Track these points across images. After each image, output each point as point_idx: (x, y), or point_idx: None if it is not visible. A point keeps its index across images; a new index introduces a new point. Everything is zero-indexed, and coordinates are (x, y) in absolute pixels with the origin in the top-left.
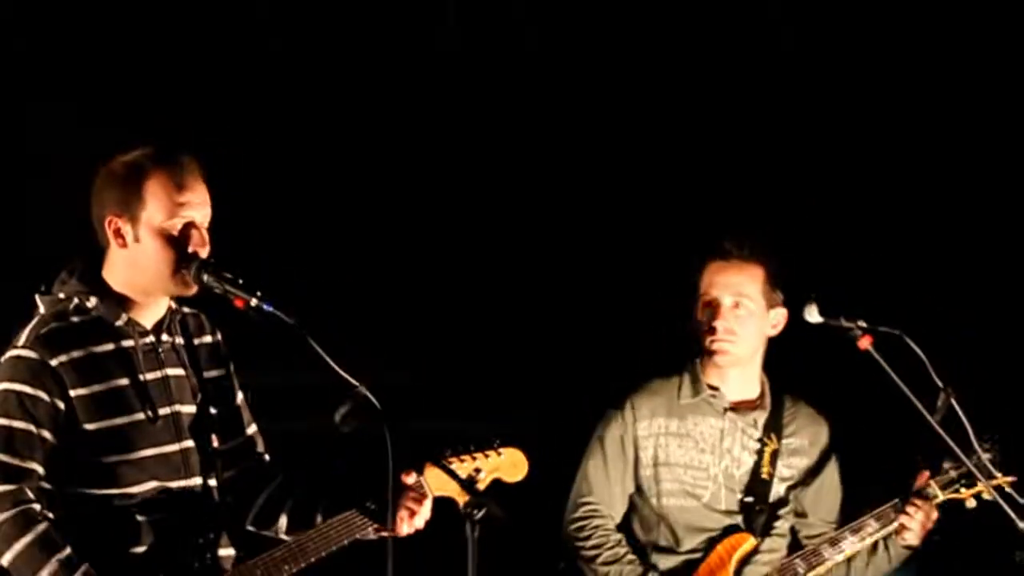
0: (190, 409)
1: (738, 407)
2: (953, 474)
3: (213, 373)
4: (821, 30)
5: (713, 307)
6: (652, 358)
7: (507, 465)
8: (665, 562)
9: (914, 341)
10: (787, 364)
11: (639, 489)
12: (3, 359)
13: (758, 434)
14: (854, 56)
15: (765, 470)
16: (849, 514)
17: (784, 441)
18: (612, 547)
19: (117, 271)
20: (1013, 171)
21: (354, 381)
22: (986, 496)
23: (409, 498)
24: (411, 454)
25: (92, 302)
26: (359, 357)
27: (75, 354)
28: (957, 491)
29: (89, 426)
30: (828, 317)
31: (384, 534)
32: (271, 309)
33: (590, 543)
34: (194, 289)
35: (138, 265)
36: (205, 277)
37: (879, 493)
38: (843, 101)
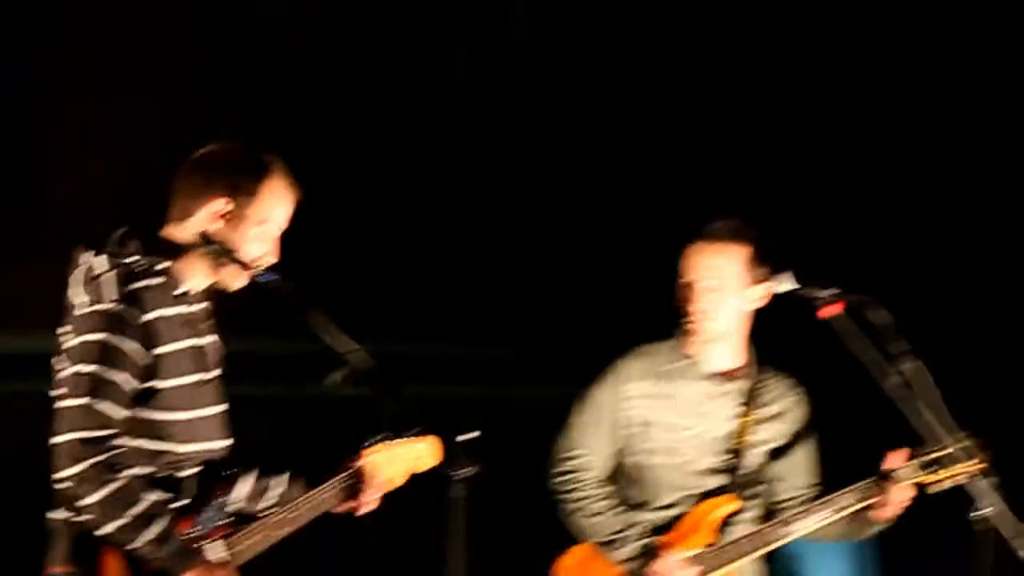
0: (218, 373)
1: (720, 375)
2: (928, 458)
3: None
4: (821, 29)
5: (691, 288)
6: (641, 326)
7: (427, 453)
8: (641, 517)
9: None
10: (768, 337)
11: (622, 448)
12: (89, 312)
13: (738, 402)
14: (854, 53)
15: (745, 438)
16: (828, 484)
17: (761, 409)
18: (597, 500)
19: (196, 244)
20: (1013, 171)
21: (353, 345)
22: (958, 481)
23: (365, 483)
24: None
25: (163, 265)
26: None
27: (156, 313)
28: (932, 473)
29: (162, 383)
30: (798, 286)
31: (345, 507)
32: (272, 277)
33: (576, 495)
34: (238, 286)
35: (226, 246)
36: (211, 247)
37: (859, 467)
38: (847, 101)
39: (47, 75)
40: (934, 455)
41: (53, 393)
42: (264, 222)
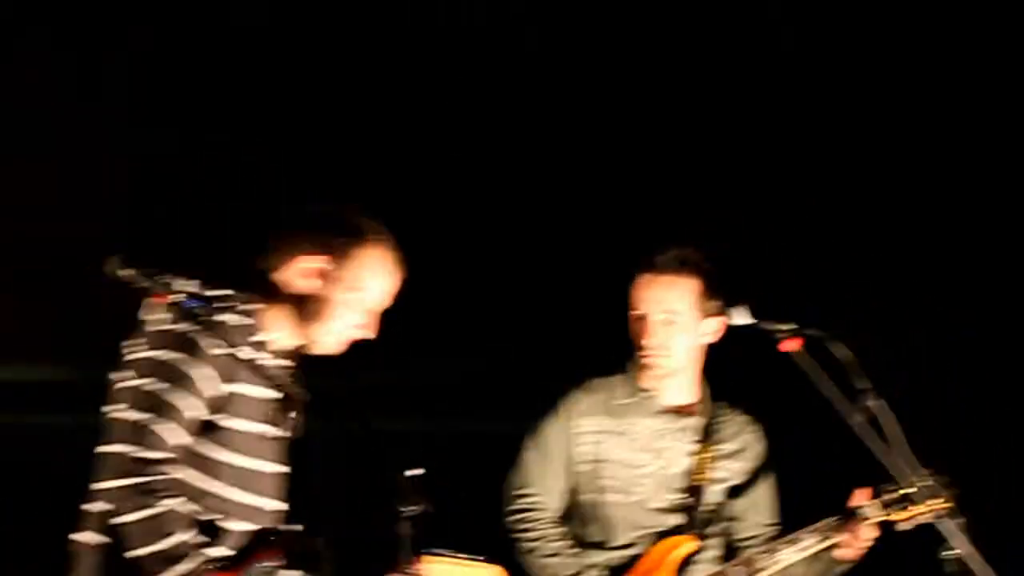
0: (285, 436)
1: (674, 411)
2: (891, 496)
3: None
4: (816, 32)
5: (644, 323)
6: (591, 359)
7: None
8: (598, 557)
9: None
10: (725, 371)
11: (574, 486)
12: (165, 330)
13: (694, 438)
14: (855, 54)
15: (702, 475)
16: (789, 522)
17: (718, 446)
18: (552, 540)
19: (286, 292)
20: (1014, 171)
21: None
22: (921, 520)
23: None
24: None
25: (250, 306)
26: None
27: (232, 349)
28: (893, 512)
29: (225, 420)
30: (755, 320)
31: None
32: (195, 304)
33: (530, 535)
34: (329, 353)
35: (311, 305)
36: (125, 271)
37: (822, 505)
38: (848, 100)
39: None
40: (897, 494)
41: (106, 408)
42: (357, 289)
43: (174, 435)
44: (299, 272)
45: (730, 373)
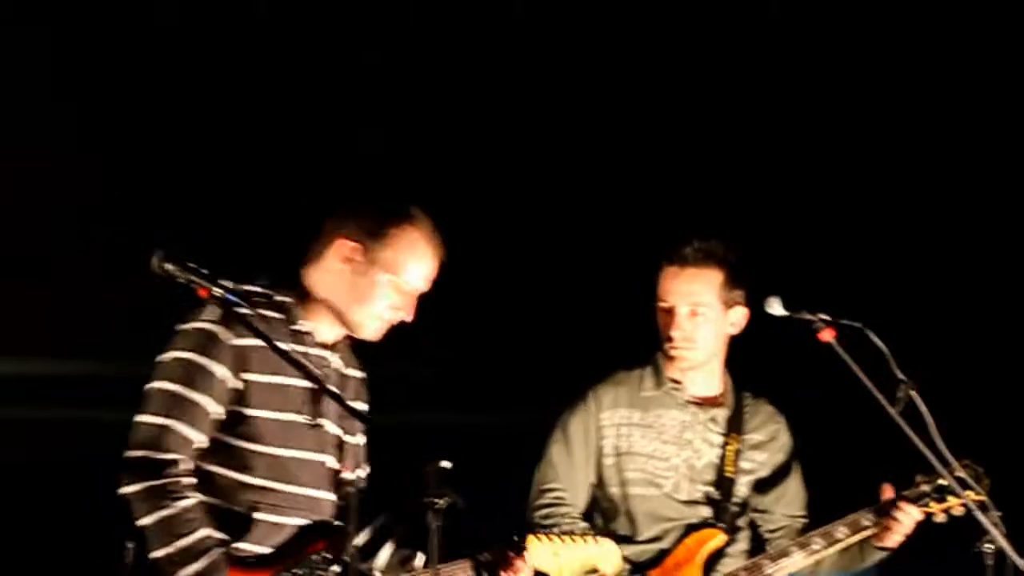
0: (334, 429)
1: (700, 402)
2: (925, 488)
3: (356, 406)
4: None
5: (670, 315)
6: (616, 350)
7: (603, 554)
8: (624, 550)
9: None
10: (751, 361)
11: (600, 479)
12: (185, 328)
13: (719, 430)
14: (836, 52)
15: (729, 468)
16: (820, 513)
17: (745, 437)
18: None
19: (326, 278)
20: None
21: (316, 373)
22: (956, 512)
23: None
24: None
25: (283, 299)
26: None
27: (253, 340)
28: (927, 504)
29: (249, 411)
30: (791, 310)
31: None
32: (236, 299)
33: (557, 530)
34: (371, 338)
35: (351, 288)
36: (168, 266)
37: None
38: (842, 96)
39: None
40: (929, 486)
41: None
42: (394, 272)
43: (194, 434)
44: (339, 254)
45: (754, 362)
